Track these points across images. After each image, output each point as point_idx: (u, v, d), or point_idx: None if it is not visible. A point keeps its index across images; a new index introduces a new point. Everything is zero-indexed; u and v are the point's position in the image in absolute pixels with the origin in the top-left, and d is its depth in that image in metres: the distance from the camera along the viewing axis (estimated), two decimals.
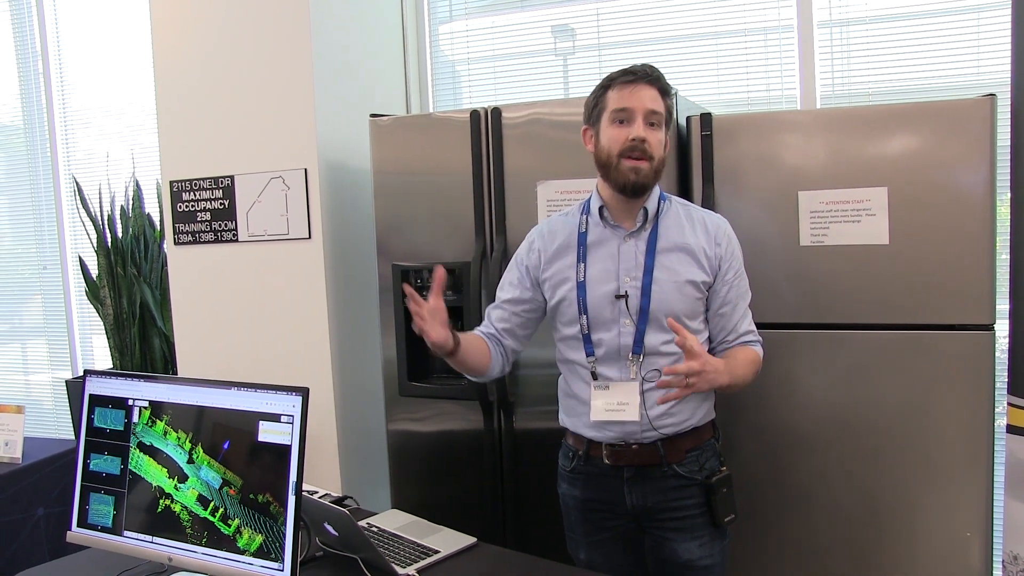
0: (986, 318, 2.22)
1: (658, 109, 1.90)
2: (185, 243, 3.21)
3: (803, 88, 3.03)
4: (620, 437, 1.96)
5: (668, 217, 1.98)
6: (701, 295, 1.96)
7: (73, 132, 4.53)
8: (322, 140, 2.96)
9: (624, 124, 1.90)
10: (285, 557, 1.67)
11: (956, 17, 2.88)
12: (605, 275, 1.96)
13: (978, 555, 2.27)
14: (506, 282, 2.12)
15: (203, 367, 3.20)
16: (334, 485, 2.99)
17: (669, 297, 1.92)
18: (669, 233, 1.96)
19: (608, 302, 1.94)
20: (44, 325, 4.78)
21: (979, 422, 2.23)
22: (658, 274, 1.93)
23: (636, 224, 1.96)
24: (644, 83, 1.90)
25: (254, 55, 3.02)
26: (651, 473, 1.97)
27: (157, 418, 1.86)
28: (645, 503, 1.98)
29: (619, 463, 1.97)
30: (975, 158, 2.18)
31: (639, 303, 1.92)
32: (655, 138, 1.90)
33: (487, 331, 2.10)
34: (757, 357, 2.02)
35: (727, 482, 1.99)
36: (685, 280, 1.93)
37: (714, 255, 1.96)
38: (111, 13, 4.32)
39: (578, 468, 2.05)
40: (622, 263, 1.95)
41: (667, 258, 1.94)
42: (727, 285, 1.98)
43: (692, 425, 1.98)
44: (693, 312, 1.96)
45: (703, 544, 1.98)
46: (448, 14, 3.58)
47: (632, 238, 1.96)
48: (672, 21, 3.23)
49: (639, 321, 1.92)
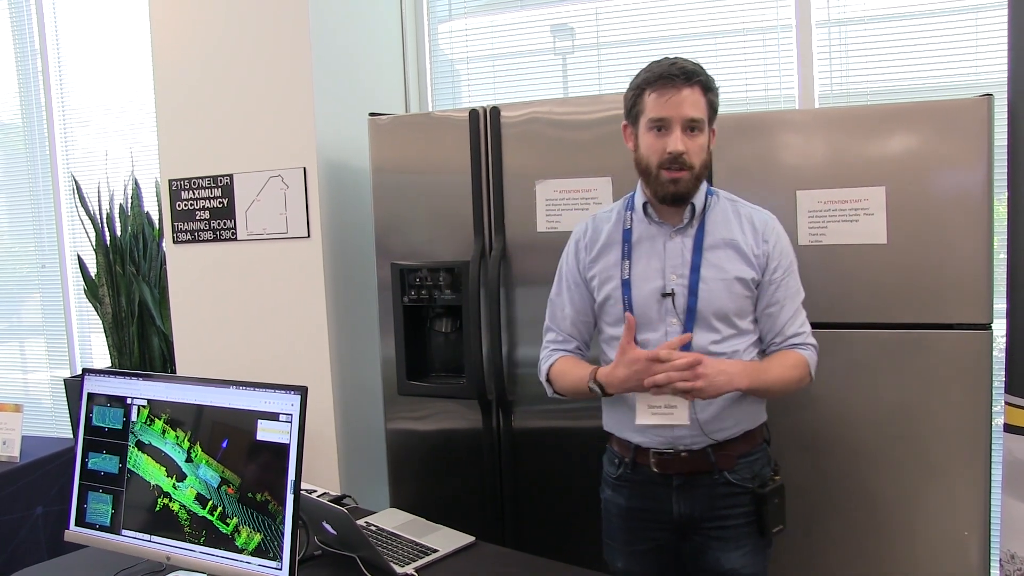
0: (983, 317, 2.22)
1: (697, 115, 1.81)
2: (184, 242, 3.21)
3: (801, 88, 3.03)
4: (668, 443, 1.89)
5: (715, 213, 1.92)
6: (750, 293, 1.89)
7: (72, 130, 4.53)
8: (321, 139, 2.96)
9: (662, 133, 1.82)
10: (284, 556, 1.67)
11: (954, 17, 2.87)
12: (651, 273, 1.90)
13: (976, 554, 2.27)
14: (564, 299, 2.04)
15: (202, 366, 3.20)
16: (333, 484, 2.99)
17: (717, 295, 1.86)
18: (716, 229, 1.90)
19: (654, 300, 1.88)
20: (43, 324, 4.78)
21: (977, 421, 2.24)
22: (705, 272, 1.86)
23: (683, 220, 1.90)
24: (683, 85, 1.80)
25: (253, 54, 3.02)
26: (701, 481, 1.89)
27: (156, 417, 1.86)
28: (692, 512, 1.90)
29: (668, 471, 1.90)
30: (972, 158, 2.18)
31: (686, 302, 1.86)
32: (695, 145, 1.83)
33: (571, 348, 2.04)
34: (801, 361, 1.91)
35: (780, 492, 1.91)
36: (733, 277, 1.87)
37: (762, 252, 1.89)
38: (110, 11, 4.31)
39: (625, 476, 1.97)
40: (668, 260, 1.89)
41: (714, 255, 1.88)
42: (775, 284, 1.91)
43: (744, 429, 1.91)
44: (741, 311, 1.89)
45: (746, 553, 1.90)
46: (447, 13, 3.58)
47: (678, 235, 1.90)
48: (671, 20, 3.23)
49: (686, 320, 1.85)
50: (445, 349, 2.82)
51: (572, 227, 2.48)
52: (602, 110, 2.47)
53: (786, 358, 1.91)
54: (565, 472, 2.58)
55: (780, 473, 1.96)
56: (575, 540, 2.55)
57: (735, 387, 1.78)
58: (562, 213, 2.52)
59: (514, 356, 2.62)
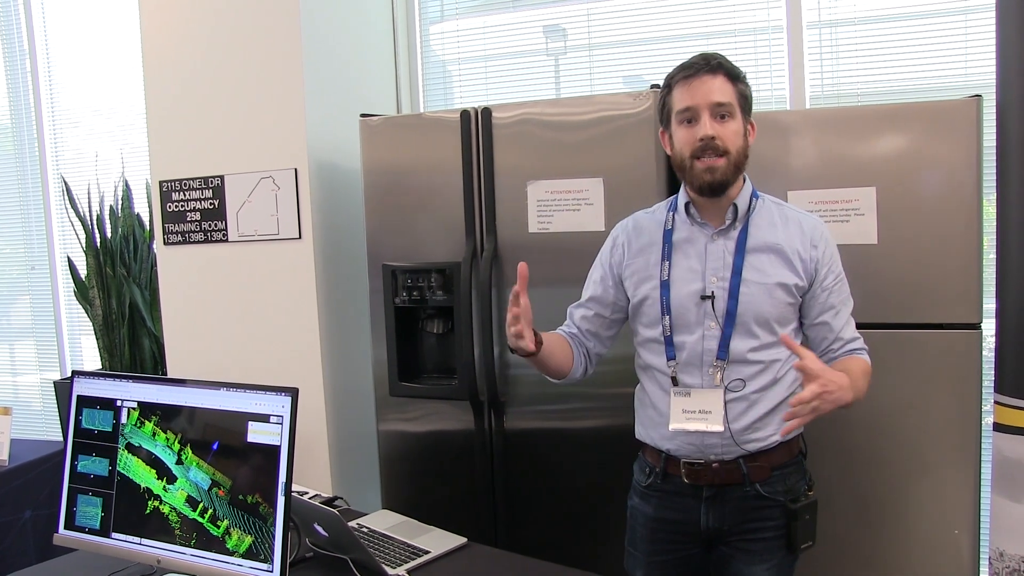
0: (974, 317, 2.23)
1: (725, 100, 1.77)
2: (175, 243, 3.20)
3: (793, 88, 3.04)
4: (700, 452, 1.83)
5: (760, 215, 1.86)
6: (793, 300, 1.83)
7: (62, 131, 4.51)
8: (312, 140, 2.95)
9: (692, 123, 1.78)
10: (275, 558, 1.67)
11: (944, 19, 2.89)
12: (691, 275, 1.84)
13: (966, 552, 2.28)
14: (589, 280, 2.01)
15: (193, 368, 3.19)
16: (324, 486, 2.98)
17: (758, 300, 1.79)
18: (760, 232, 1.84)
19: (693, 303, 1.83)
20: (32, 326, 4.76)
21: (967, 420, 2.25)
22: (747, 275, 1.80)
23: (725, 222, 1.84)
24: (706, 74, 1.77)
25: (244, 55, 3.01)
26: (731, 493, 1.84)
27: (146, 419, 1.86)
28: (721, 525, 1.85)
29: (698, 482, 1.84)
30: (962, 158, 2.20)
31: (725, 305, 1.80)
32: (728, 131, 1.77)
33: (569, 331, 1.99)
34: (869, 367, 1.84)
35: (812, 508, 1.86)
36: (776, 283, 1.80)
37: (810, 258, 1.83)
38: (100, 12, 4.30)
39: (655, 485, 1.91)
40: (709, 262, 1.84)
41: (757, 259, 1.82)
42: (827, 290, 1.84)
43: (778, 440, 1.83)
44: (783, 318, 1.82)
45: (771, 568, 1.85)
46: (439, 14, 3.58)
47: (720, 236, 1.84)
48: (662, 22, 3.24)
49: (725, 325, 1.80)
50: (437, 350, 2.81)
51: (564, 228, 2.50)
52: (594, 111, 2.47)
53: (859, 365, 1.82)
54: (557, 473, 2.58)
55: (815, 488, 1.91)
56: (567, 541, 2.55)
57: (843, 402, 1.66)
58: (553, 214, 2.52)
59: (506, 357, 2.62)
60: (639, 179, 2.40)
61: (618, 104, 2.44)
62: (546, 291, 2.52)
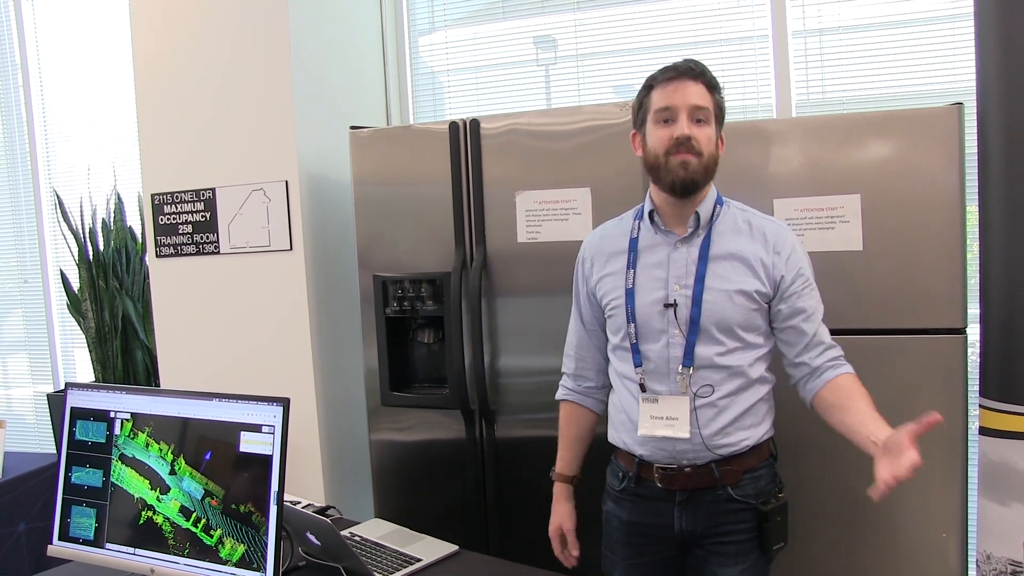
0: (958, 322, 2.26)
1: (704, 104, 1.80)
2: (167, 256, 3.21)
3: (778, 97, 3.06)
4: (672, 458, 1.85)
5: (723, 223, 1.88)
6: (757, 306, 1.84)
7: (54, 145, 4.52)
8: (302, 152, 2.97)
9: (669, 123, 1.81)
10: (267, 567, 1.68)
11: (930, 26, 2.91)
12: (655, 283, 1.87)
13: (954, 555, 2.30)
14: (573, 313, 2.07)
15: (185, 379, 3.20)
16: (317, 495, 2.99)
17: (720, 306, 1.81)
18: (723, 240, 1.86)
19: (656, 311, 1.85)
20: (25, 339, 4.75)
21: (953, 425, 2.26)
22: (710, 282, 1.82)
23: (688, 229, 1.86)
24: (688, 79, 1.80)
25: (234, 68, 3.03)
26: (704, 497, 1.86)
27: (139, 430, 1.87)
28: (695, 528, 1.87)
29: (672, 487, 1.86)
30: (945, 165, 2.22)
31: (689, 313, 1.82)
32: (703, 134, 1.80)
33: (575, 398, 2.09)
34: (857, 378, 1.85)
35: (783, 510, 1.88)
36: (737, 289, 1.82)
37: (772, 264, 1.84)
38: (91, 26, 4.32)
39: (628, 489, 1.94)
40: (672, 270, 1.86)
41: (720, 266, 1.84)
42: (795, 294, 1.85)
43: (749, 445, 1.86)
44: (748, 323, 1.84)
45: (746, 570, 1.87)
46: (429, 25, 3.60)
47: (684, 244, 1.86)
48: (650, 31, 3.27)
49: (689, 332, 1.82)
50: (428, 360, 2.83)
51: (552, 237, 2.52)
52: (581, 121, 2.49)
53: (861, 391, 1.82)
54: (548, 481, 2.59)
55: (784, 490, 1.93)
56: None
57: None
58: (542, 224, 2.54)
59: (496, 366, 2.64)
60: (626, 188, 2.42)
61: (605, 114, 2.46)
62: (535, 300, 2.55)
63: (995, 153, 2.13)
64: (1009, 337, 2.12)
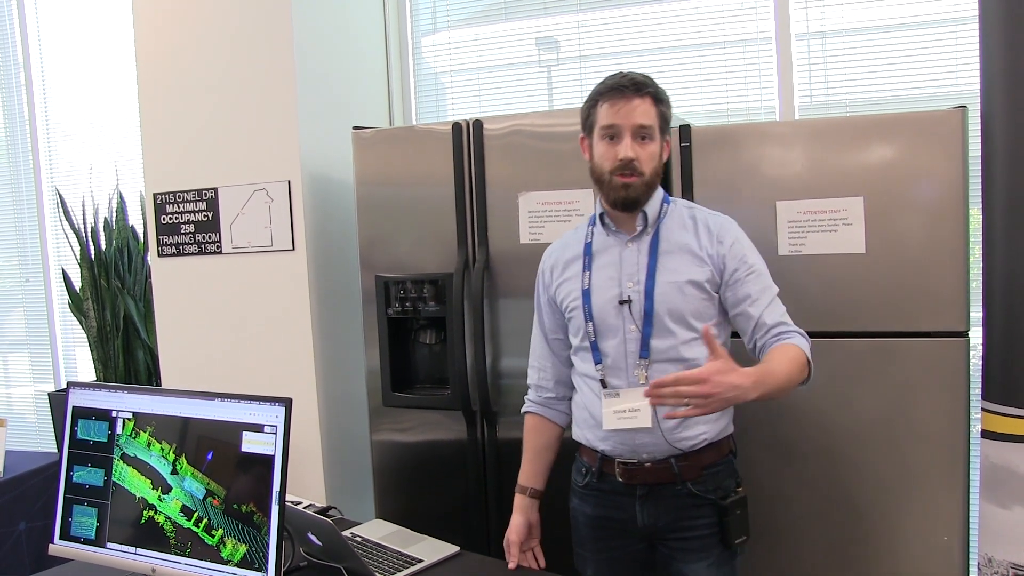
0: (960, 325, 2.25)
1: (647, 123, 1.87)
2: (169, 255, 3.21)
3: (782, 99, 3.06)
4: (633, 452, 1.92)
5: (670, 219, 1.96)
6: (706, 295, 1.91)
7: (56, 144, 4.52)
8: (305, 152, 2.97)
9: (614, 140, 1.88)
10: (269, 567, 1.68)
11: (934, 29, 2.91)
12: (608, 282, 1.95)
13: (956, 558, 2.29)
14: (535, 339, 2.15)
15: (187, 379, 3.20)
16: (318, 495, 2.99)
17: (670, 297, 1.89)
18: (671, 235, 1.94)
19: (612, 308, 1.92)
20: (27, 338, 4.76)
21: (955, 427, 2.26)
22: (660, 276, 1.90)
23: (637, 228, 1.95)
24: (633, 95, 1.87)
25: (237, 67, 3.03)
26: (664, 492, 1.92)
27: (141, 429, 1.87)
28: (657, 523, 1.94)
29: (632, 481, 1.93)
30: (948, 168, 2.22)
31: (643, 307, 1.90)
32: (646, 153, 1.88)
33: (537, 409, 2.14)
34: (798, 352, 1.84)
35: (742, 504, 1.93)
36: (686, 280, 1.90)
37: (716, 253, 1.92)
38: (94, 24, 4.32)
39: (591, 484, 2.01)
40: (624, 268, 1.94)
41: (669, 260, 1.92)
42: (739, 282, 1.91)
43: (708, 441, 1.92)
44: (700, 313, 1.90)
45: (711, 564, 1.92)
46: (432, 26, 3.61)
47: (634, 243, 1.95)
48: (653, 33, 3.27)
49: (644, 325, 1.89)
50: (430, 360, 2.83)
51: (554, 238, 2.50)
52: None
53: (783, 352, 1.83)
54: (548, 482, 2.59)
55: (743, 485, 1.99)
56: (559, 549, 2.56)
57: (747, 399, 1.69)
58: (544, 225, 2.54)
59: (498, 367, 2.64)
60: None
61: None
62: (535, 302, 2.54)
63: (998, 156, 2.13)
64: (1011, 340, 2.12)
